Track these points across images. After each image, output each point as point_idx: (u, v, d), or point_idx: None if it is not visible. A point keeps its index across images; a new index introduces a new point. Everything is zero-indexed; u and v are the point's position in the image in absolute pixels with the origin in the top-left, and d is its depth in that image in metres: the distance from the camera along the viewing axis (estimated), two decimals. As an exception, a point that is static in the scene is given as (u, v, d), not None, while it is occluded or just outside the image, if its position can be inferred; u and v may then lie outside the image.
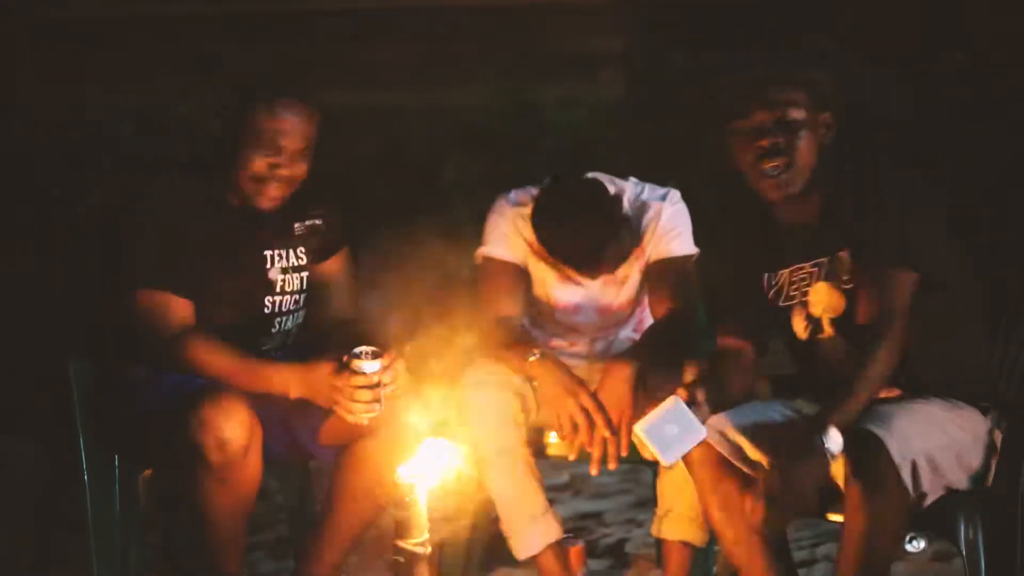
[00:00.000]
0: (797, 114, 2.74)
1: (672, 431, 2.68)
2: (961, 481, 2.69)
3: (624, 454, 2.96)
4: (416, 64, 6.88)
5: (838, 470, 2.61)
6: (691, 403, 2.70)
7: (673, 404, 2.69)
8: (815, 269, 2.80)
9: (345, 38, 6.97)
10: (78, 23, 6.97)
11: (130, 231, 2.89)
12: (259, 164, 2.87)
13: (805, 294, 2.80)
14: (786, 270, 2.84)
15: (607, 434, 2.95)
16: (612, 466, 2.96)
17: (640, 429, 2.71)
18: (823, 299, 2.77)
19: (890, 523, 2.55)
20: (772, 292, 2.86)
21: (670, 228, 3.24)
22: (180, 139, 5.90)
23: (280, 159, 2.87)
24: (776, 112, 2.74)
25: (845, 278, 2.76)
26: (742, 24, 7.14)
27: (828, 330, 2.78)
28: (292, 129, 2.87)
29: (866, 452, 2.54)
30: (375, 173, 6.43)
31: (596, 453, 2.97)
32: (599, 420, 2.95)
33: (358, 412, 2.81)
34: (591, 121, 6.51)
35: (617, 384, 2.98)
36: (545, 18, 6.94)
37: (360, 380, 2.79)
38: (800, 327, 2.81)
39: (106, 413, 2.95)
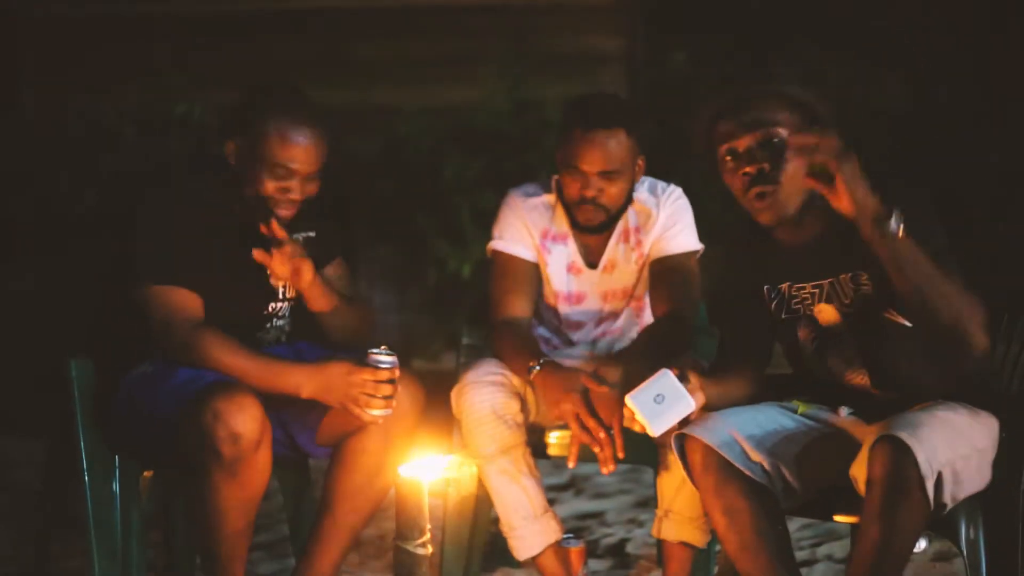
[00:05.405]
0: (783, 134, 2.68)
1: (661, 402, 2.68)
2: (977, 489, 2.65)
3: (621, 455, 2.96)
4: (415, 62, 6.88)
5: (858, 471, 2.57)
6: (682, 379, 2.70)
7: (662, 375, 2.70)
8: (816, 290, 2.78)
9: (344, 36, 6.97)
10: (76, 21, 6.97)
11: (147, 229, 2.92)
12: (271, 187, 2.92)
13: (808, 308, 2.78)
14: (785, 285, 2.82)
15: (602, 435, 2.95)
16: (609, 468, 2.95)
17: (629, 398, 2.71)
18: (827, 318, 2.76)
19: (907, 533, 2.50)
20: (774, 304, 2.84)
21: (671, 224, 3.23)
22: (179, 137, 5.91)
23: (292, 183, 2.92)
24: (759, 134, 2.69)
25: (847, 301, 2.74)
26: (741, 23, 7.15)
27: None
28: (304, 156, 2.91)
29: (893, 459, 2.49)
30: (374, 172, 6.43)
31: (602, 452, 2.96)
32: (591, 423, 2.95)
33: (377, 407, 2.84)
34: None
35: (605, 388, 2.97)
36: (545, 16, 6.94)
37: (383, 375, 2.83)
38: (807, 338, 2.80)
39: (109, 413, 2.96)
